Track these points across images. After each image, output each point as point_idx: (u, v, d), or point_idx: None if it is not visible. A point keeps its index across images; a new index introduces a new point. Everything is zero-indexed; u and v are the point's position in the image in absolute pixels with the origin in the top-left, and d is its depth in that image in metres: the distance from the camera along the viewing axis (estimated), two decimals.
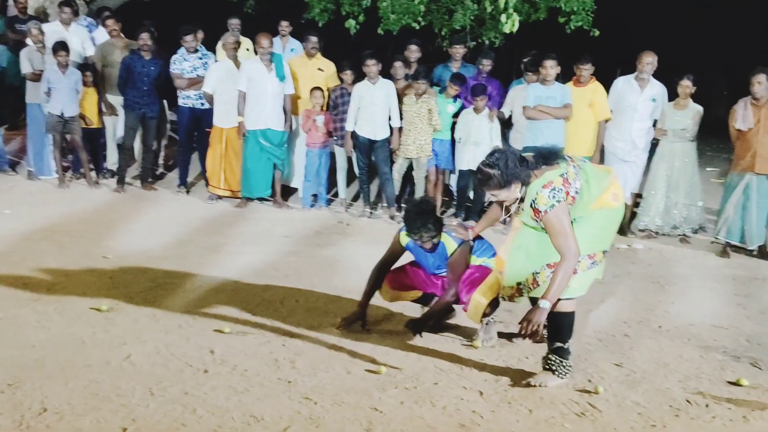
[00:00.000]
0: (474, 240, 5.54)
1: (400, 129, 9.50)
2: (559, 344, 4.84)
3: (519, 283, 4.91)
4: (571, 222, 4.65)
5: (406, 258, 5.77)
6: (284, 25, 10.97)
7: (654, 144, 9.41)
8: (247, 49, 10.77)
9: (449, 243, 5.47)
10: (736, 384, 5.00)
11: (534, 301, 4.78)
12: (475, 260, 5.52)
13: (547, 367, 4.86)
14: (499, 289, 5.19)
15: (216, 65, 10.04)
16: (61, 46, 9.93)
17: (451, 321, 5.88)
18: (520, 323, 4.65)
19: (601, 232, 4.78)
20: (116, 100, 10.66)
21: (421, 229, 5.33)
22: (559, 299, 4.65)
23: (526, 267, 4.82)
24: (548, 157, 4.70)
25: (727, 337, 5.98)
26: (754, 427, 4.39)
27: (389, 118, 9.52)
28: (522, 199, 4.68)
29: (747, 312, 6.66)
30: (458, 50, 10.37)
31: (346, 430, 4.10)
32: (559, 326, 4.82)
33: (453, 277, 5.42)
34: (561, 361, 4.82)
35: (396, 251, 5.76)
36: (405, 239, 5.62)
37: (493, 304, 5.39)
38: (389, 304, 6.01)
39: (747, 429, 4.36)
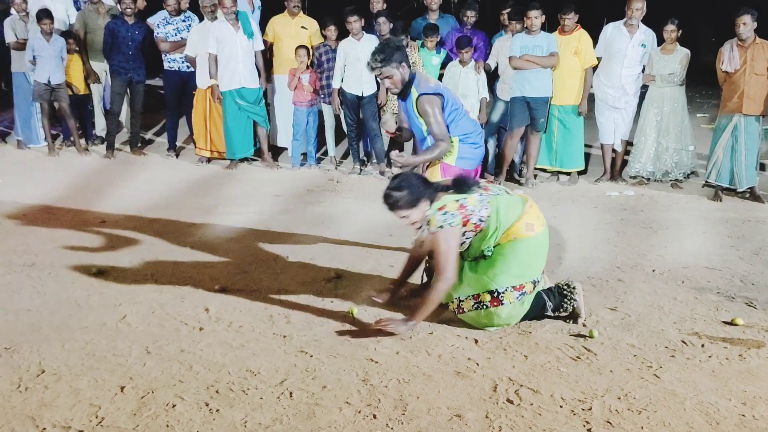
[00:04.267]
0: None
1: None
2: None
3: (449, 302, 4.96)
4: (483, 255, 4.80)
5: None
6: None
7: (643, 91, 9.38)
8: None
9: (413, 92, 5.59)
10: (731, 324, 5.02)
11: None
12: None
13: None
14: None
15: (196, 28, 9.96)
16: (45, 14, 9.83)
17: None
18: (382, 320, 4.74)
19: (523, 264, 4.77)
20: (100, 66, 10.60)
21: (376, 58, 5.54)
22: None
23: (456, 290, 4.85)
24: (465, 184, 4.77)
25: (720, 278, 6.01)
26: (750, 365, 4.41)
27: None
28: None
29: (740, 253, 6.69)
30: (434, 1, 10.26)
31: (342, 380, 4.11)
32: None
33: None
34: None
35: None
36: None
37: None
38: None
39: (744, 367, 4.39)
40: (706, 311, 5.27)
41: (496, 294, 4.75)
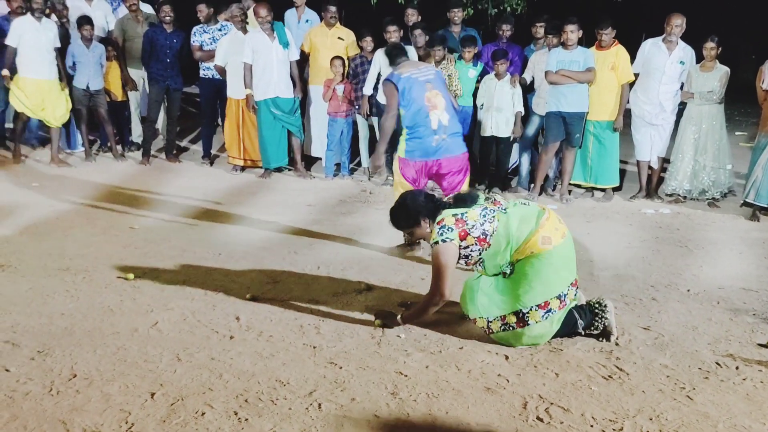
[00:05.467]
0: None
1: None
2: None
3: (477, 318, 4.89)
4: (502, 272, 4.79)
5: None
6: None
7: (681, 108, 9.30)
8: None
9: None
10: (766, 346, 4.94)
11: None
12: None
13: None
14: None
15: (225, 37, 10.03)
16: (85, 20, 9.96)
17: None
18: (379, 312, 5.14)
19: (545, 280, 4.69)
20: (137, 73, 10.71)
21: None
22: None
23: (485, 310, 4.81)
24: (464, 199, 4.87)
25: (756, 299, 5.92)
26: None
27: None
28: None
29: None
30: (456, 14, 10.23)
31: (371, 393, 4.10)
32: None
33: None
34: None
35: None
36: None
37: None
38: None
39: None
40: (742, 333, 5.18)
41: (521, 315, 4.71)
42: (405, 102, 6.43)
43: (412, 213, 4.91)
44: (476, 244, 4.74)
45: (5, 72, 9.57)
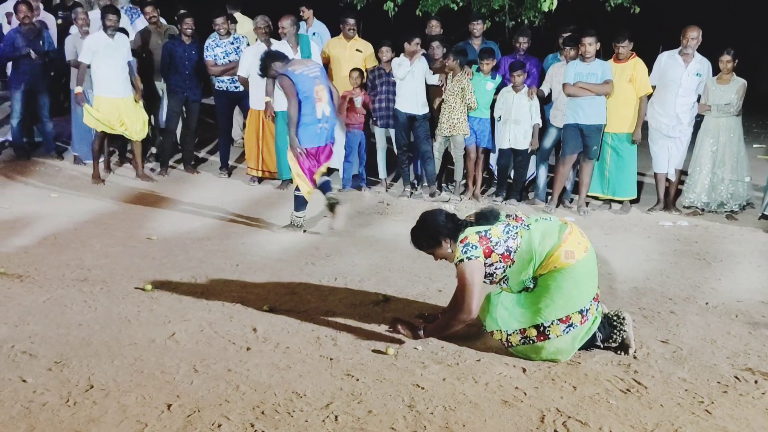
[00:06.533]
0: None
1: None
2: None
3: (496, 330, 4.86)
4: (525, 288, 4.77)
5: None
6: (304, 10, 11.03)
7: (699, 120, 9.27)
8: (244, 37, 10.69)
9: None
10: None
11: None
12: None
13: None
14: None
15: (249, 49, 10.03)
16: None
17: None
18: (398, 324, 5.08)
19: (567, 294, 4.67)
20: (157, 85, 10.74)
21: None
22: None
23: (504, 323, 4.79)
24: (486, 216, 4.86)
25: None
26: None
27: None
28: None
29: None
30: (477, 26, 10.24)
31: (388, 405, 4.09)
32: None
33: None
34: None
35: None
36: None
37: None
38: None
39: None
40: (761, 347, 5.14)
41: (542, 328, 4.69)
42: (303, 96, 7.57)
43: (432, 233, 4.89)
44: (500, 261, 4.72)
45: (78, 89, 9.59)
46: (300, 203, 7.96)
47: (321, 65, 8.45)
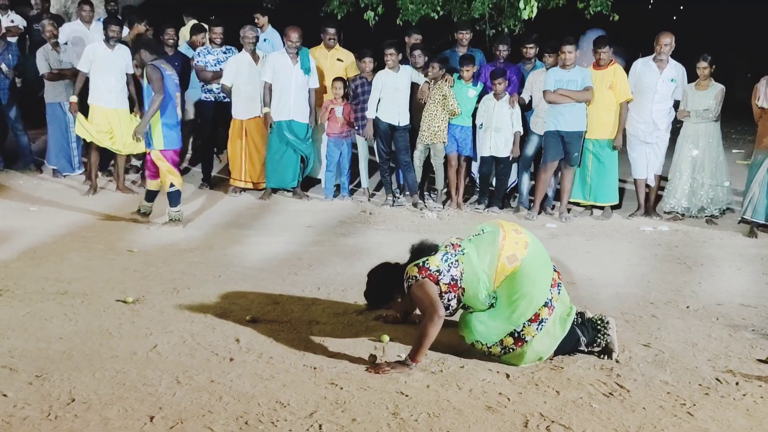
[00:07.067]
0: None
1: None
2: None
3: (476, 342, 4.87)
4: (491, 305, 4.79)
5: None
6: (259, 17, 11.15)
7: (677, 126, 9.33)
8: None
9: None
10: (766, 362, 4.93)
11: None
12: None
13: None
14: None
15: (234, 58, 10.02)
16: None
17: None
18: (378, 366, 4.69)
19: (525, 294, 4.70)
20: None
21: None
22: None
23: (482, 336, 4.81)
24: (421, 250, 4.89)
25: (756, 315, 5.92)
26: None
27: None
28: None
29: None
30: (464, 35, 10.28)
31: (372, 413, 4.08)
32: None
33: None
34: None
35: None
36: None
37: None
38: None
39: None
40: (741, 349, 5.18)
41: (516, 334, 4.71)
42: (165, 92, 8.05)
43: (385, 290, 5.00)
44: (451, 292, 4.76)
45: (73, 99, 9.58)
46: (175, 198, 8.43)
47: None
